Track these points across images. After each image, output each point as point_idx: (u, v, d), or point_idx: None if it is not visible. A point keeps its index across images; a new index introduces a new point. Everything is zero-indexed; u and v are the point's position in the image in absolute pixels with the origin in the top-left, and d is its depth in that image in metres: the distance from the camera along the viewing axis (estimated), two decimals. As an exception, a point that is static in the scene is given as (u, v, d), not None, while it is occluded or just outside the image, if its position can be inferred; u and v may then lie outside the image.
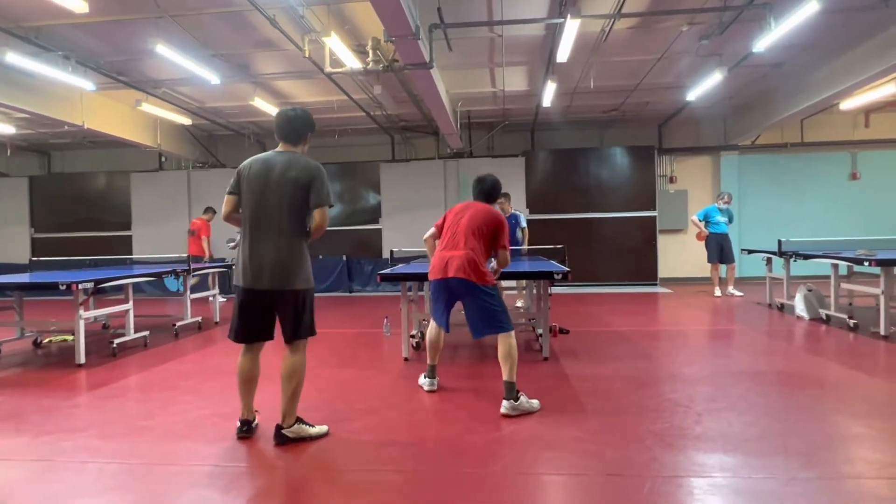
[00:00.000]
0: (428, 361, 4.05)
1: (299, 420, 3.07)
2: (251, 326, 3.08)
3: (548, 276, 4.74)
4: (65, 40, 6.73)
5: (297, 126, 3.21)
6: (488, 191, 4.00)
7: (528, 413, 3.45)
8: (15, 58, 6.37)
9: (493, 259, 3.93)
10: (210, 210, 9.97)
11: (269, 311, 3.08)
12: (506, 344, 3.57)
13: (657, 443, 2.95)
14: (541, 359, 4.92)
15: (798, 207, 11.42)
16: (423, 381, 4.05)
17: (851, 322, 6.01)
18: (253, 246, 3.00)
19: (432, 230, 4.07)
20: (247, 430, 3.13)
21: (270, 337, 3.14)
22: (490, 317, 3.62)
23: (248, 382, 3.14)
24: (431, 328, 4.04)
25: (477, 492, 2.47)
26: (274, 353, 3.30)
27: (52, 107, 8.23)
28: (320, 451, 2.96)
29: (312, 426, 3.11)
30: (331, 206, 3.08)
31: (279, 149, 3.19)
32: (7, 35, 6.17)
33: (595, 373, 4.46)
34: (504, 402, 3.46)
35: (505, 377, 3.51)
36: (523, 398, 3.49)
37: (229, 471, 2.73)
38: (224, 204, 3.13)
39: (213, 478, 2.67)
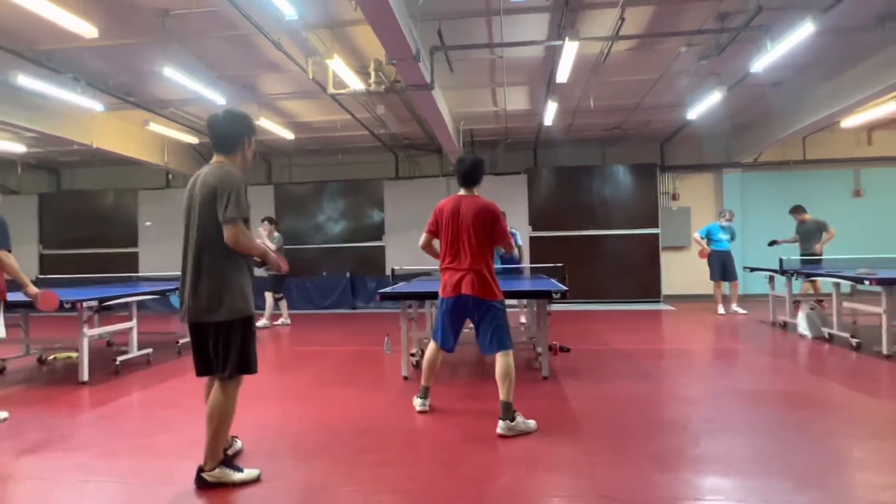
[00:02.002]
0: (423, 383, 4.01)
1: (224, 463, 2.80)
2: (198, 361, 2.85)
3: (546, 296, 4.76)
4: (75, 62, 6.89)
5: (219, 132, 2.82)
6: (469, 171, 3.81)
7: (525, 433, 3.46)
8: (26, 80, 6.54)
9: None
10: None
11: (205, 345, 2.78)
12: (504, 363, 3.57)
13: (652, 465, 2.95)
14: (540, 378, 4.92)
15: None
16: (415, 401, 4.04)
17: (854, 341, 5.98)
18: (184, 278, 2.77)
19: (425, 236, 3.91)
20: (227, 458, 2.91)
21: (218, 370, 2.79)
22: (499, 333, 3.61)
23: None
24: (431, 348, 3.95)
25: (470, 513, 2.48)
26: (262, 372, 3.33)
27: (62, 127, 8.40)
28: (318, 471, 2.98)
29: (240, 470, 2.82)
30: (245, 220, 2.69)
31: (212, 161, 2.85)
32: (20, 58, 6.33)
33: (594, 392, 4.46)
34: (500, 423, 3.46)
35: (502, 397, 3.51)
36: (520, 419, 3.49)
37: (224, 491, 2.75)
38: None
39: (208, 498, 2.69)
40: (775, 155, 11.41)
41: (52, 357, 6.25)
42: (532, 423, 3.54)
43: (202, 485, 2.76)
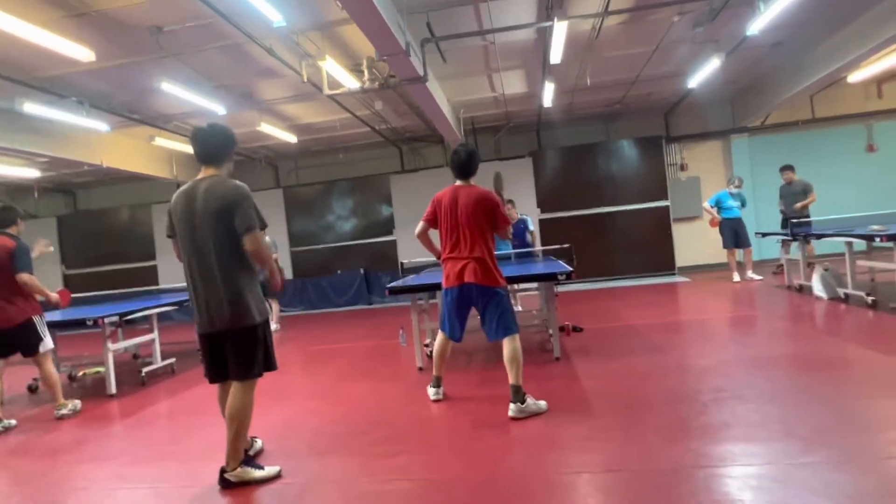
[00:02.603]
0: (434, 373, 4.10)
1: (245, 462, 2.93)
2: (215, 368, 2.98)
3: (552, 278, 4.80)
4: (77, 86, 7.05)
5: (211, 146, 2.94)
6: (465, 163, 3.84)
7: (536, 414, 3.53)
8: (33, 107, 6.72)
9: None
10: None
11: (224, 352, 2.93)
12: (511, 347, 3.62)
13: (660, 437, 3.00)
14: (552, 359, 4.98)
15: (815, 185, 11.15)
16: (429, 390, 4.14)
17: (870, 299, 5.93)
18: (198, 290, 2.88)
19: (422, 224, 3.97)
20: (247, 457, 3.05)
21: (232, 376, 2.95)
22: (505, 319, 3.66)
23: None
24: (439, 339, 4.04)
25: (481, 496, 2.57)
26: (282, 372, 3.43)
27: (71, 149, 8.61)
28: (335, 465, 3.09)
29: (261, 468, 2.95)
30: (263, 228, 2.88)
31: (200, 175, 2.94)
32: (24, 86, 6.50)
33: (605, 370, 4.51)
34: (511, 406, 3.53)
35: (511, 381, 3.58)
36: (530, 400, 3.56)
37: (246, 488, 2.88)
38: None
39: (233, 497, 2.81)
40: (783, 116, 11.20)
41: (81, 373, 6.48)
42: (543, 403, 3.61)
43: (225, 485, 2.88)
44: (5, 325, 4.45)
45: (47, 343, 4.66)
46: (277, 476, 2.96)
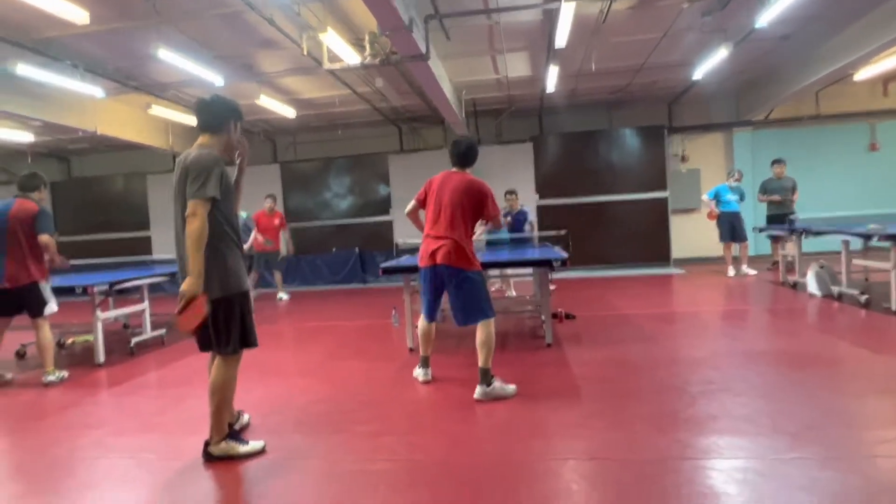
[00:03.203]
0: (420, 353, 4.11)
1: (230, 437, 2.89)
2: (200, 336, 2.89)
3: (546, 264, 4.77)
4: (72, 49, 6.90)
5: (209, 112, 2.91)
6: (463, 154, 3.91)
7: (503, 398, 3.54)
8: (26, 69, 6.57)
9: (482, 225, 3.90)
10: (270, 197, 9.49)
11: (204, 322, 2.76)
12: (484, 331, 3.65)
13: (647, 426, 2.99)
14: (544, 345, 4.97)
15: (815, 182, 11.12)
16: (417, 371, 4.14)
17: (863, 298, 5.93)
18: (178, 257, 2.87)
19: (413, 203, 4.03)
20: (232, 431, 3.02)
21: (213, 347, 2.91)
22: (475, 304, 3.67)
23: None
24: (422, 320, 4.05)
25: (464, 479, 2.55)
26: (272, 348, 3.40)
27: (65, 114, 8.46)
28: (321, 443, 3.07)
29: (245, 443, 2.92)
30: (209, 199, 2.68)
31: (196, 142, 2.92)
32: (17, 48, 6.35)
33: (596, 358, 4.50)
34: (477, 388, 3.57)
35: (480, 364, 3.61)
36: (497, 383, 3.59)
37: (229, 462, 2.86)
38: None
39: (215, 471, 2.80)
40: (787, 111, 11.11)
41: (70, 341, 6.44)
42: (511, 387, 3.63)
43: (209, 458, 2.87)
44: (12, 284, 4.57)
45: (51, 307, 4.74)
46: (262, 451, 2.93)
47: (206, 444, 2.89)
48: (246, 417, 3.38)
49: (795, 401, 3.26)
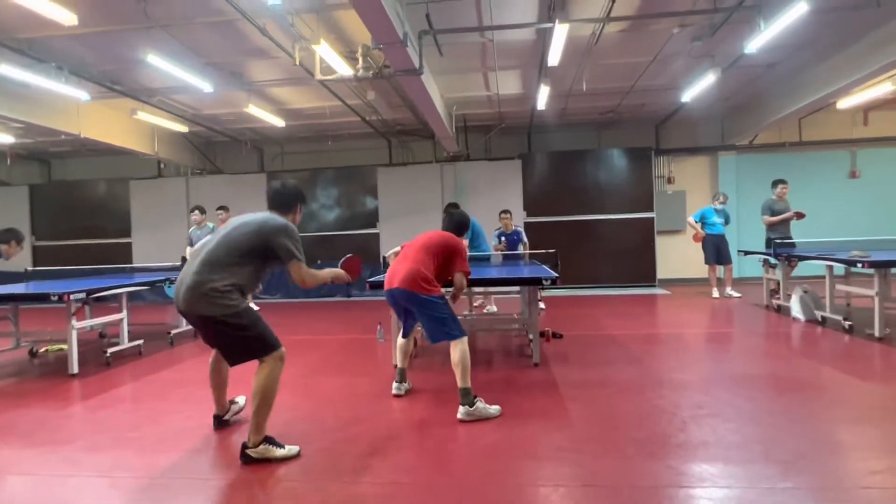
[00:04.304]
0: (399, 365, 4.16)
1: (268, 440, 2.97)
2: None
3: (536, 283, 4.73)
4: (57, 51, 6.77)
5: (281, 198, 3.31)
6: (456, 225, 4.22)
7: (486, 419, 3.48)
8: (8, 69, 6.41)
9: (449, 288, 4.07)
10: (222, 208, 8.99)
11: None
12: (457, 351, 3.63)
13: (639, 452, 2.94)
14: (531, 364, 4.91)
15: (797, 207, 11.28)
16: (393, 385, 4.15)
17: (846, 324, 5.98)
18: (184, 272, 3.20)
19: (397, 248, 4.32)
20: (219, 424, 3.48)
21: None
22: (438, 325, 3.72)
23: (214, 376, 3.40)
24: (400, 335, 4.23)
25: (451, 502, 2.47)
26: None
27: (48, 117, 8.29)
28: (301, 463, 2.96)
29: (281, 446, 2.98)
30: (301, 261, 3.15)
31: (270, 213, 3.29)
32: (0, 47, 6.22)
33: (584, 378, 4.45)
34: (460, 408, 3.51)
35: (459, 384, 3.57)
36: (479, 403, 3.53)
37: (206, 484, 2.74)
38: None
39: (191, 492, 2.67)
40: (771, 137, 11.32)
41: (43, 349, 6.23)
42: (494, 408, 3.57)
43: (247, 460, 2.92)
44: None
45: None
46: (297, 455, 2.99)
47: (244, 445, 2.95)
48: (241, 400, 3.68)
49: (785, 427, 3.24)
